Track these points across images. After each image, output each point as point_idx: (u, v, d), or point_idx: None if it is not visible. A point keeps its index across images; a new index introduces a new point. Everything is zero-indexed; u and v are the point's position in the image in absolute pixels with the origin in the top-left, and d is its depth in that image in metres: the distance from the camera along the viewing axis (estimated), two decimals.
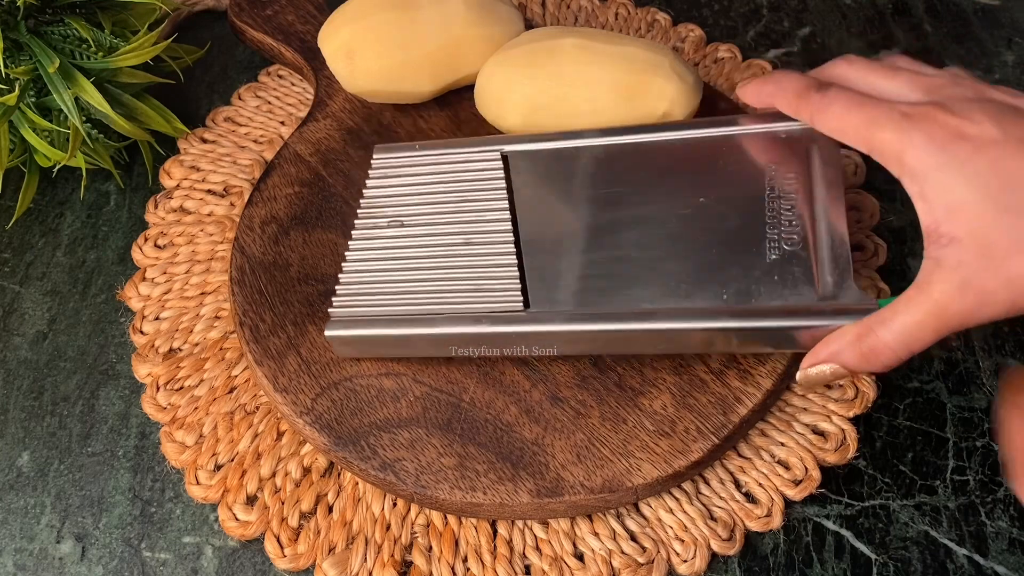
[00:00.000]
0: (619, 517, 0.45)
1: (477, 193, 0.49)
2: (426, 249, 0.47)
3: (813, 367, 0.41)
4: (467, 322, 0.44)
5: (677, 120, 0.50)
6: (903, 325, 0.38)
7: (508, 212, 0.47)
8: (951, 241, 0.37)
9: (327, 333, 0.46)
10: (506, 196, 0.48)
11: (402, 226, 0.48)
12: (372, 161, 0.52)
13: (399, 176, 0.50)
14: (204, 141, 0.60)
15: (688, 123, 0.48)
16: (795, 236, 0.43)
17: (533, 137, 0.50)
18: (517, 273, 0.45)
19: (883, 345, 0.39)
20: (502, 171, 0.49)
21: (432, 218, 0.48)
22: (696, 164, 0.47)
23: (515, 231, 0.47)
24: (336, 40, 0.55)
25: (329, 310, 0.47)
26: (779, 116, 0.46)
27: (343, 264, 0.48)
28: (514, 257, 0.46)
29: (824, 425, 0.47)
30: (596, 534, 0.45)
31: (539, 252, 0.46)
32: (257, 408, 0.49)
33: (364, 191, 0.50)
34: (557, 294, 0.44)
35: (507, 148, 0.50)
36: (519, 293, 0.45)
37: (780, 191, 0.44)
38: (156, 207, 0.57)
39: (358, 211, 0.50)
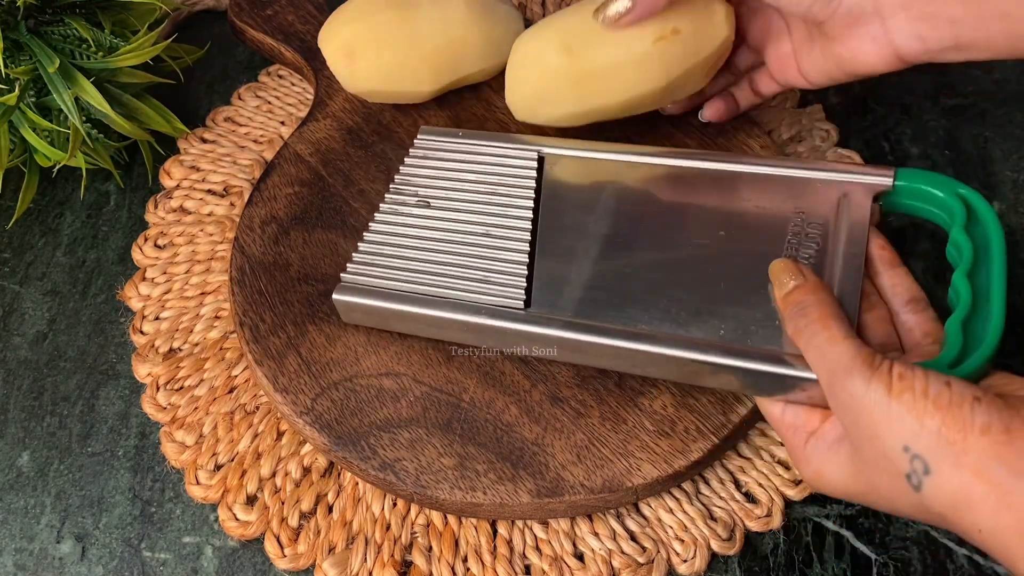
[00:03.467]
0: (619, 517, 0.45)
1: (506, 188, 0.49)
2: (445, 233, 0.48)
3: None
4: (467, 311, 0.45)
5: (716, 152, 0.50)
6: None
7: (531, 212, 0.48)
8: None
9: (334, 297, 0.47)
10: (533, 196, 0.49)
11: (428, 207, 0.49)
12: (415, 141, 0.52)
13: (436, 159, 0.51)
14: (204, 141, 0.60)
15: (725, 156, 0.49)
16: None
17: (573, 144, 0.51)
18: (525, 272, 0.46)
19: None
20: (535, 171, 0.50)
21: (458, 204, 0.49)
22: (726, 196, 0.47)
23: (534, 231, 0.47)
24: (336, 40, 0.55)
25: (341, 275, 0.47)
26: (816, 165, 0.46)
27: (364, 233, 0.49)
28: (526, 256, 0.46)
29: None
30: (596, 534, 0.45)
31: (552, 255, 0.46)
32: (257, 408, 0.49)
33: (400, 167, 0.51)
34: (560, 299, 0.45)
35: (545, 150, 0.51)
36: (522, 292, 0.45)
37: (802, 238, 0.44)
38: (156, 207, 0.57)
39: (390, 185, 0.50)
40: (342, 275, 0.47)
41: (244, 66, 0.65)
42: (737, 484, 0.46)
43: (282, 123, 0.61)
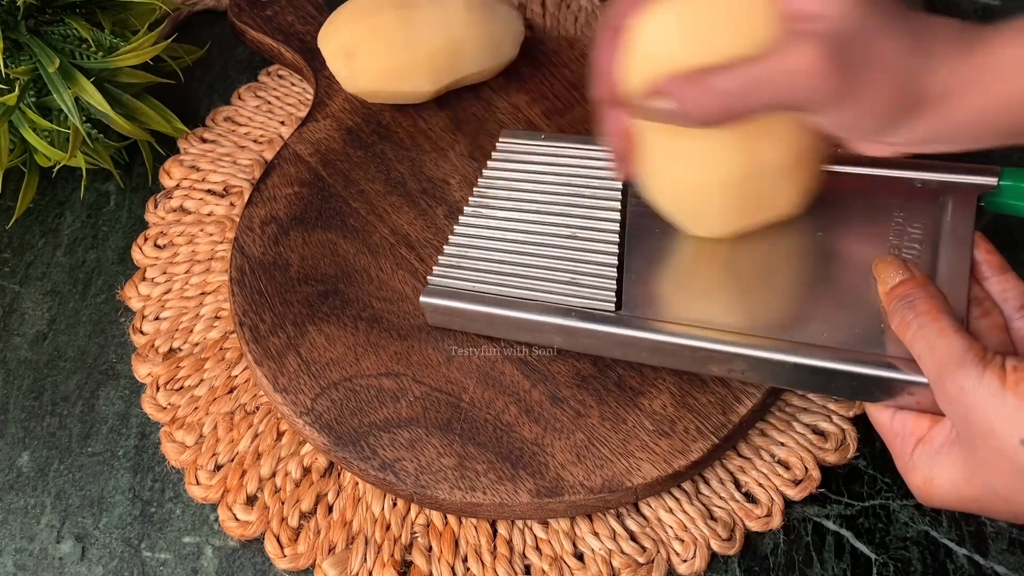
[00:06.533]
0: (619, 517, 0.45)
1: (593, 190, 0.49)
2: (531, 236, 0.47)
3: (654, 97, 0.38)
4: (557, 314, 0.44)
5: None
6: (744, 75, 0.36)
7: (619, 212, 0.47)
8: (818, 17, 0.35)
9: (422, 300, 0.46)
10: (620, 198, 0.48)
11: (513, 209, 0.49)
12: (497, 144, 0.52)
13: (519, 161, 0.51)
14: (204, 141, 0.60)
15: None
16: None
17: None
18: (615, 274, 0.45)
19: (714, 88, 0.37)
20: None
21: (543, 206, 0.49)
22: (822, 196, 0.45)
23: (622, 232, 0.47)
24: (336, 40, 0.55)
25: (428, 278, 0.47)
26: (916, 165, 0.45)
27: (449, 236, 0.48)
28: (615, 258, 0.46)
29: (824, 425, 0.47)
30: (596, 534, 0.45)
31: (643, 257, 0.46)
32: (257, 408, 0.49)
33: (483, 171, 0.51)
34: (652, 301, 0.44)
35: None
36: (613, 294, 0.44)
37: (904, 239, 0.43)
38: (156, 207, 0.57)
39: (474, 188, 0.50)
40: (428, 278, 0.47)
41: (244, 66, 0.65)
42: (737, 484, 0.46)
43: (282, 123, 0.61)
